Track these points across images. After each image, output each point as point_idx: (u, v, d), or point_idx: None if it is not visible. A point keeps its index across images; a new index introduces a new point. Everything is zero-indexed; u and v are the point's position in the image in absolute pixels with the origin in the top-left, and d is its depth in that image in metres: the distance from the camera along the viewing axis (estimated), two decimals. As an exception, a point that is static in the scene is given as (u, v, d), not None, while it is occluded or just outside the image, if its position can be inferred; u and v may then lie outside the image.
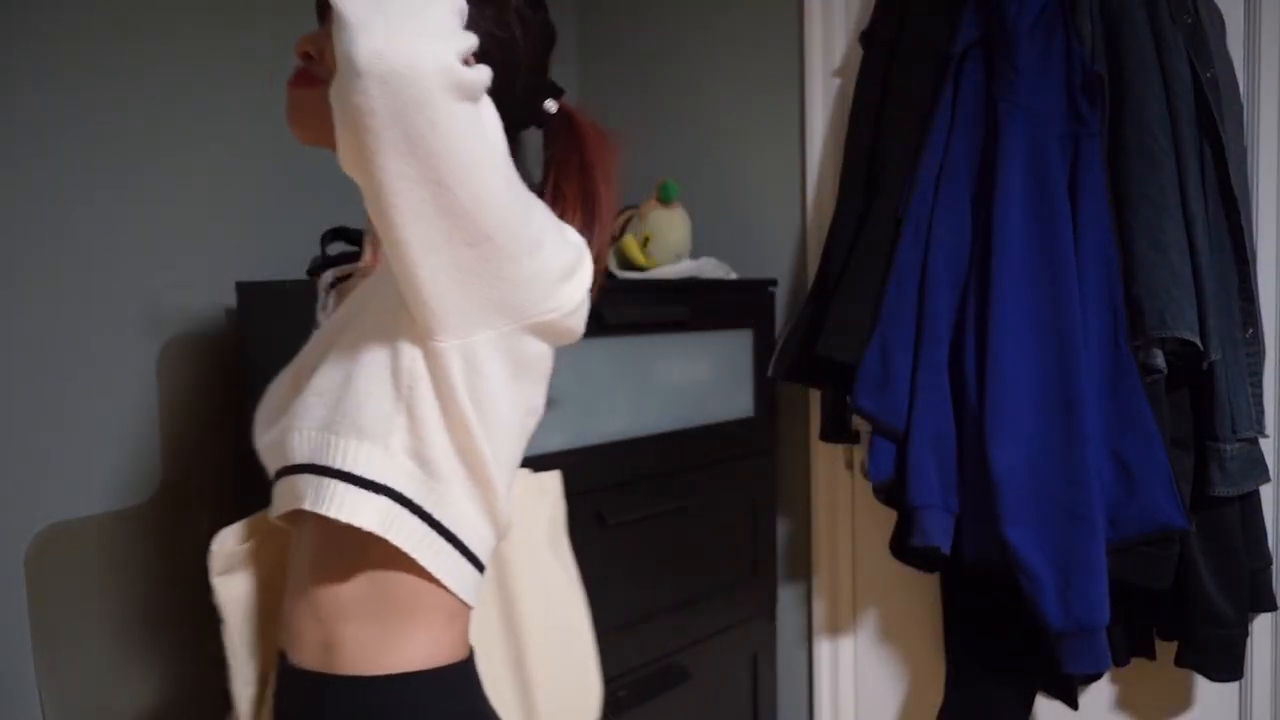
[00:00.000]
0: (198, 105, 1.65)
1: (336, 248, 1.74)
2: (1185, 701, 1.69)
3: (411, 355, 0.77)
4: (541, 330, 0.80)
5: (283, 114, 1.82)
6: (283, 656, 0.85)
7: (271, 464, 0.85)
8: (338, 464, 0.76)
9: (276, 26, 1.75)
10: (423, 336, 0.76)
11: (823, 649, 2.02)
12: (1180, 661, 1.51)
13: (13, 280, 1.45)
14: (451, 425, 0.78)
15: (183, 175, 1.63)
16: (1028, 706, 1.65)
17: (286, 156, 1.77)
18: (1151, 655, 1.57)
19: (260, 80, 1.73)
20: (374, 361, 0.78)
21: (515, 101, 0.90)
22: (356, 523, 0.75)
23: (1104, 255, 1.43)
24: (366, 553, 0.78)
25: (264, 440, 0.86)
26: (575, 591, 1.07)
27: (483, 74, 0.70)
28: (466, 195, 0.70)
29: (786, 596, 2.06)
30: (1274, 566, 1.56)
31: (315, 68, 0.89)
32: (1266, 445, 1.53)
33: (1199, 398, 1.47)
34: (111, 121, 1.55)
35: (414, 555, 0.76)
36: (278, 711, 0.85)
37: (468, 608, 0.82)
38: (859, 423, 1.72)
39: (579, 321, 0.84)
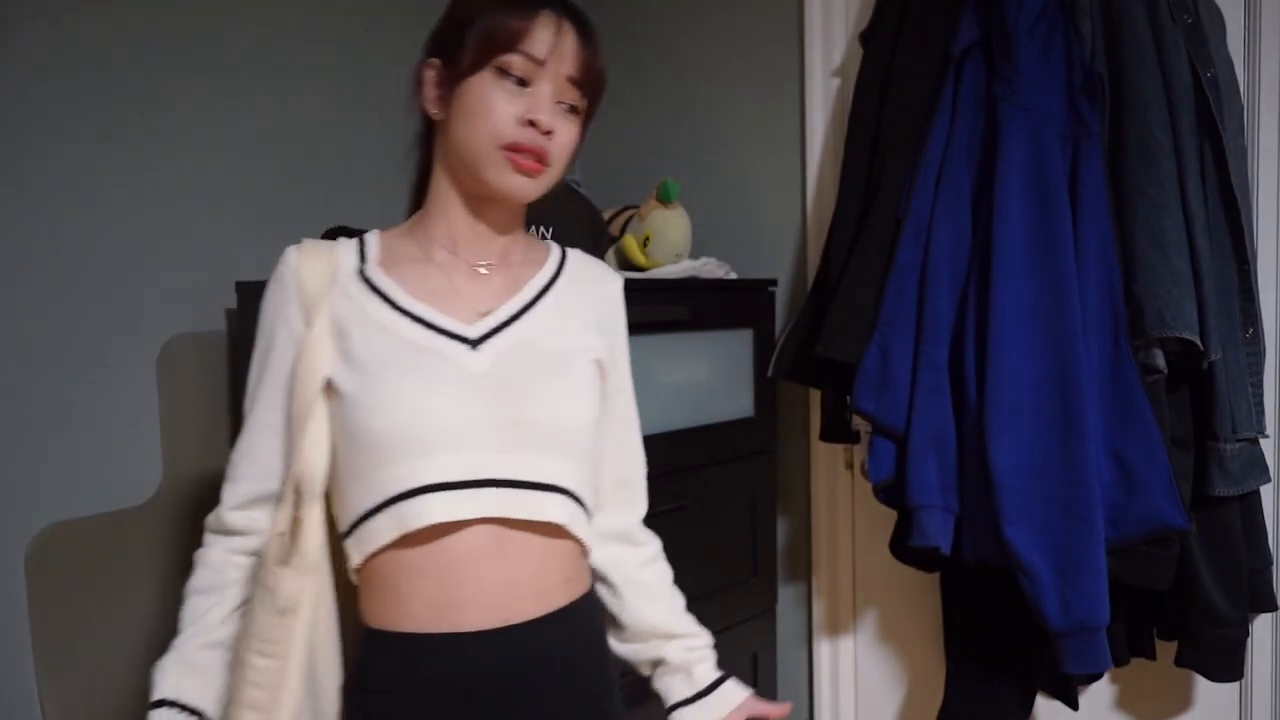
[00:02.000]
0: (199, 106, 1.65)
1: (336, 248, 1.75)
2: (1185, 701, 1.69)
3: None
4: None
5: (283, 114, 1.82)
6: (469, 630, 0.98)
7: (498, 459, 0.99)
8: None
9: (279, 28, 1.75)
10: None
11: (823, 649, 2.02)
12: (1180, 661, 1.51)
13: (13, 280, 1.45)
14: None
15: (183, 175, 1.63)
16: (1028, 706, 1.65)
17: (287, 157, 1.77)
18: (1151, 655, 1.57)
19: (261, 81, 1.73)
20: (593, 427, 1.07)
21: None
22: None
23: (1104, 255, 1.42)
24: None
25: (486, 434, 0.98)
26: None
27: None
28: None
29: (786, 596, 2.06)
30: (1274, 566, 1.56)
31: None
32: (1267, 445, 1.53)
33: (1199, 398, 1.46)
34: (112, 121, 1.55)
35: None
36: (524, 655, 0.99)
37: None
38: (859, 423, 1.72)
39: None
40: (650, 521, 1.66)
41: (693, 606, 1.76)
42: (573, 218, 1.63)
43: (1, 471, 1.45)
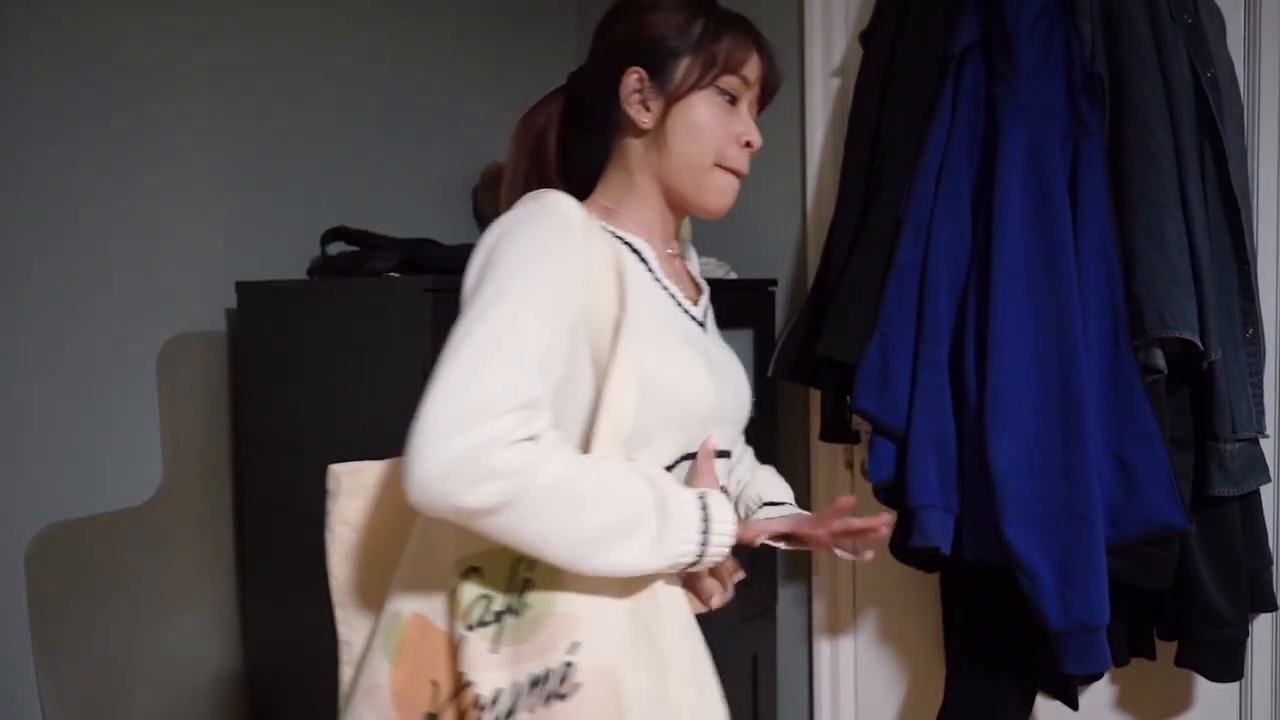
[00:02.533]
0: (198, 106, 1.65)
1: (336, 248, 1.75)
2: (1185, 701, 1.69)
3: None
4: None
5: (284, 114, 1.82)
6: None
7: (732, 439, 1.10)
8: None
9: (280, 29, 1.75)
10: None
11: (823, 649, 2.02)
12: (1180, 661, 1.51)
13: (13, 280, 1.45)
14: None
15: (183, 175, 1.63)
16: (1028, 706, 1.65)
17: (286, 157, 1.77)
18: (1151, 655, 1.57)
19: (261, 82, 1.73)
20: None
21: None
22: None
23: (1104, 255, 1.43)
24: None
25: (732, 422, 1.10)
26: None
27: None
28: None
29: (786, 596, 2.06)
30: (1274, 566, 1.56)
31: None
32: (1266, 445, 1.53)
33: (1199, 398, 1.46)
34: (112, 122, 1.55)
35: None
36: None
37: None
38: (859, 423, 1.72)
39: None
40: (650, 521, 1.66)
41: (693, 606, 1.76)
42: (573, 218, 1.63)
43: (1, 471, 1.45)
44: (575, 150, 1.12)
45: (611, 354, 0.93)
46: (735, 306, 1.83)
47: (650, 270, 1.06)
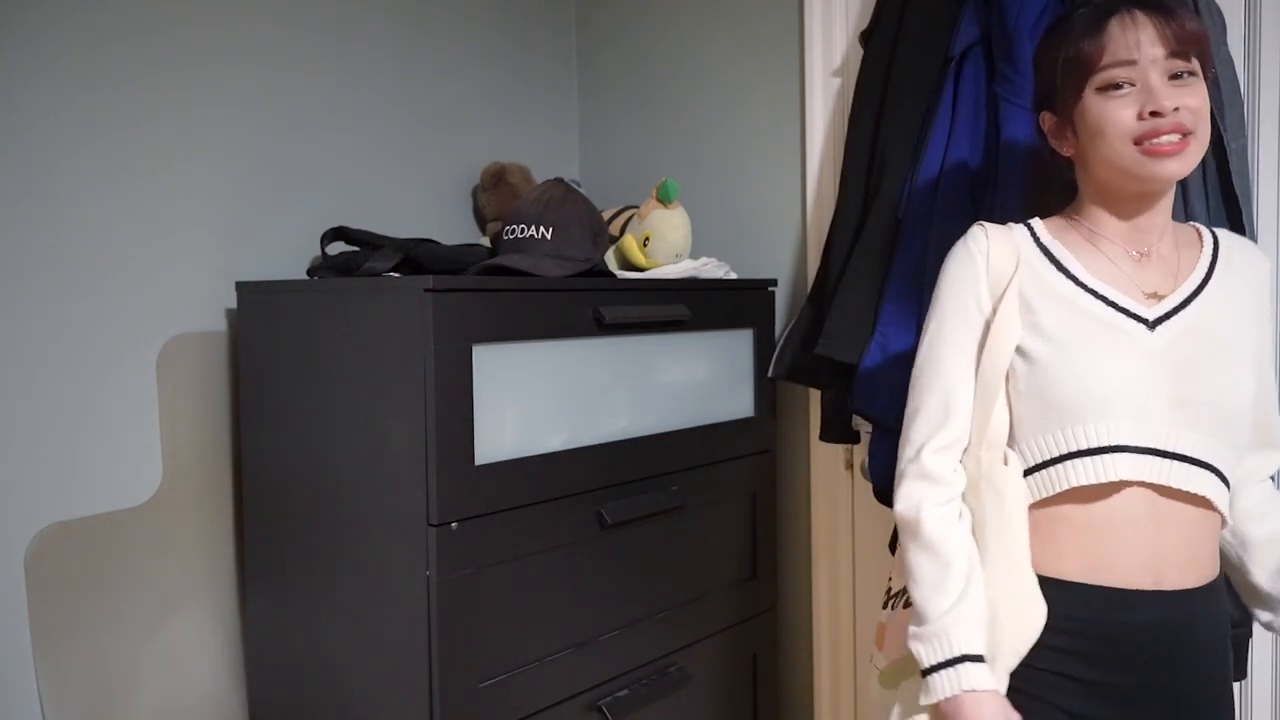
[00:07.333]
0: (198, 105, 1.65)
1: (336, 248, 1.75)
2: (1186, 702, 1.68)
3: None
4: None
5: (279, 114, 1.82)
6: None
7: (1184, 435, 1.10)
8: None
9: (280, 28, 1.75)
10: None
11: (823, 649, 2.02)
12: (1181, 661, 1.51)
13: (13, 280, 1.45)
14: None
15: (183, 175, 1.63)
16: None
17: (286, 157, 1.77)
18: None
19: (260, 80, 1.73)
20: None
21: None
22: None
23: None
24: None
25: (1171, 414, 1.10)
26: None
27: None
28: None
29: (786, 596, 2.06)
30: (1274, 566, 1.56)
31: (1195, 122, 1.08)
32: (1267, 445, 1.52)
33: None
34: (111, 121, 1.55)
35: None
36: (1171, 620, 1.09)
37: None
38: (859, 423, 1.72)
39: None
40: (651, 521, 1.66)
41: (693, 607, 1.76)
42: (572, 218, 1.63)
43: (1, 471, 1.45)
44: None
45: (998, 377, 1.12)
46: (735, 306, 1.83)
47: (1068, 274, 1.13)
